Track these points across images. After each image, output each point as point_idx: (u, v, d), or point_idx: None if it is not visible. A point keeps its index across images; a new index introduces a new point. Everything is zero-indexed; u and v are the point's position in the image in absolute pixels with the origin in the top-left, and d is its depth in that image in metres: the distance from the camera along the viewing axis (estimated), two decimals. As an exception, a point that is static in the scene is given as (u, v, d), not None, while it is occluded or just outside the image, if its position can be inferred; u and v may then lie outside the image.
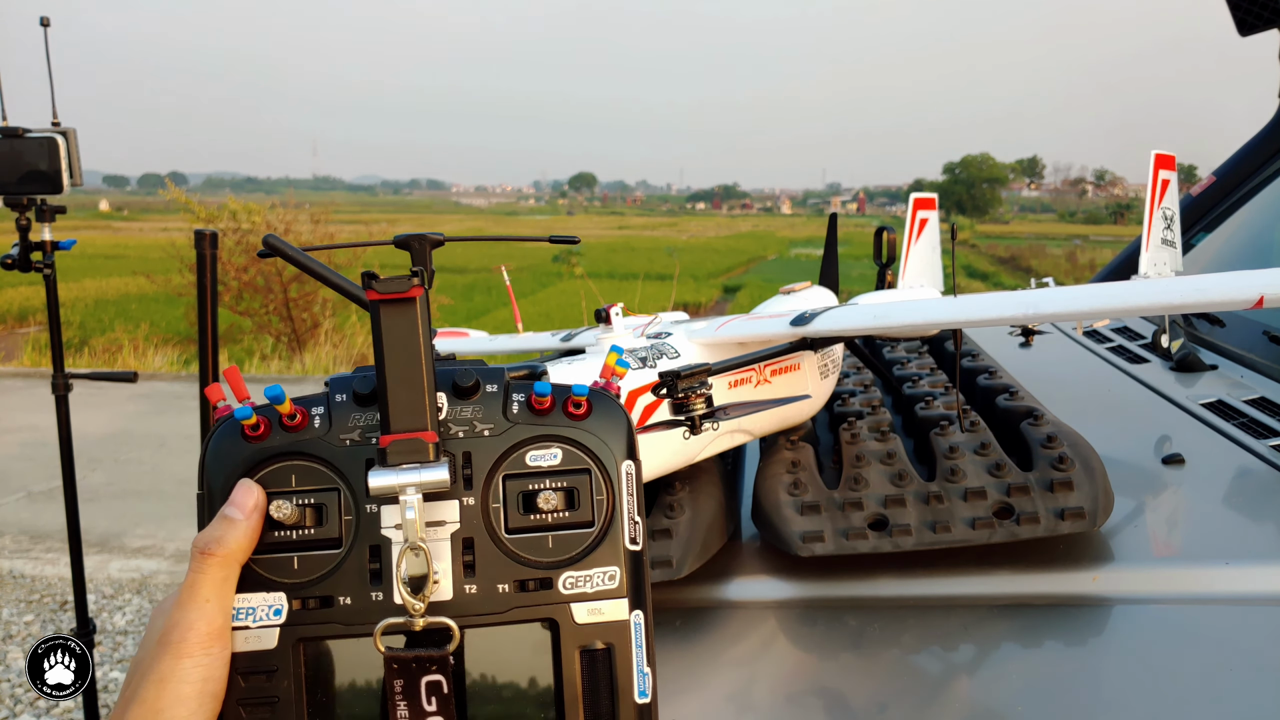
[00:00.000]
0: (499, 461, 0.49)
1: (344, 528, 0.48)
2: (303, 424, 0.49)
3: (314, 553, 0.48)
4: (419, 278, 0.46)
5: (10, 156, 2.31)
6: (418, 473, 0.45)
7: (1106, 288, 0.84)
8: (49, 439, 3.25)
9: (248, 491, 0.48)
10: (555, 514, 0.49)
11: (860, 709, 0.73)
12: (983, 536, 0.86)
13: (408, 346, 0.46)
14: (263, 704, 0.47)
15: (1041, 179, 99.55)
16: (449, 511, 0.48)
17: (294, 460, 0.49)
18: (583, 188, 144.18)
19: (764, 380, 0.95)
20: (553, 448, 0.49)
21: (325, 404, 0.49)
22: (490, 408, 0.50)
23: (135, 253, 22.37)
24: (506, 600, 0.48)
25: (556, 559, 0.48)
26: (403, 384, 0.46)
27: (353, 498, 0.48)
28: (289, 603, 0.48)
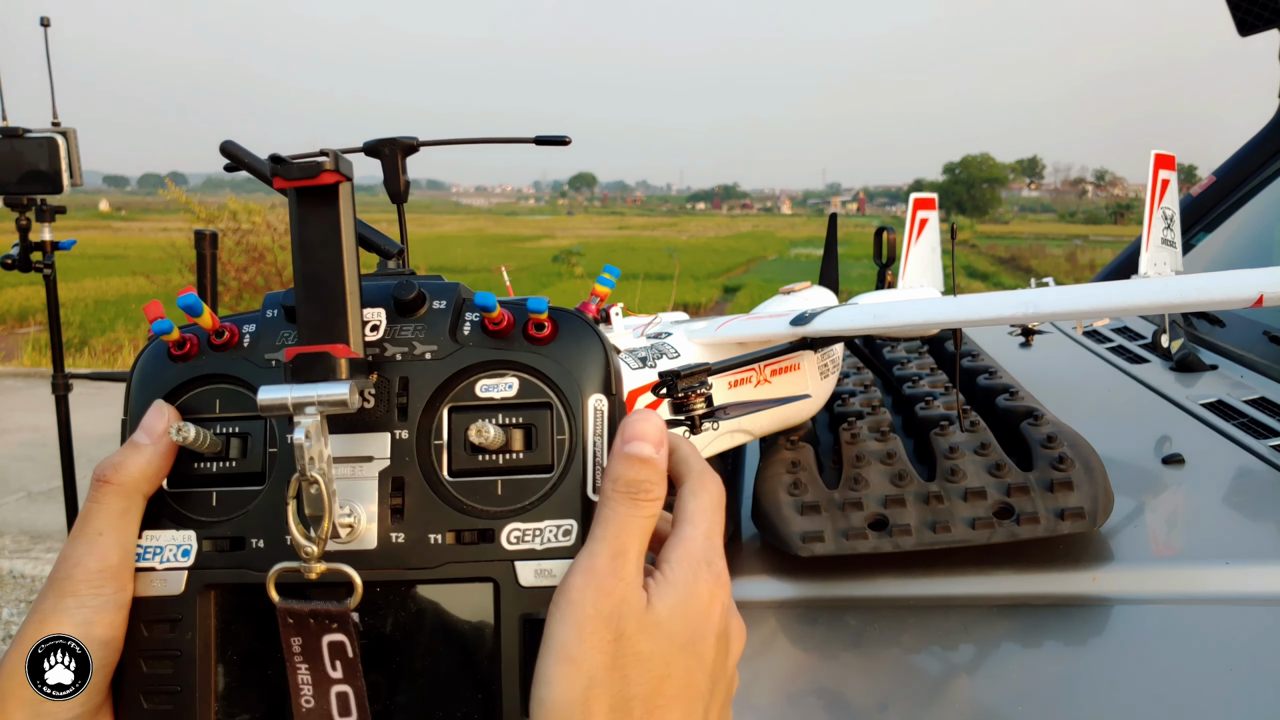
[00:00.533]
0: (442, 390, 0.42)
1: (268, 461, 0.42)
2: (232, 342, 0.43)
3: (234, 488, 0.42)
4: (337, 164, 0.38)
5: (10, 156, 2.31)
6: (315, 388, 0.38)
7: (1106, 287, 0.84)
8: (49, 439, 3.25)
9: (158, 414, 0.43)
10: (506, 455, 0.42)
11: (860, 709, 0.73)
12: (983, 536, 0.86)
13: (326, 246, 0.39)
14: (164, 657, 0.41)
15: (1041, 179, 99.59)
16: (377, 446, 0.42)
17: (219, 384, 0.43)
18: (583, 188, 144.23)
19: (764, 380, 0.95)
20: (508, 376, 0.42)
21: (257, 319, 0.44)
22: (435, 327, 0.43)
23: (135, 253, 22.38)
24: (440, 553, 0.41)
25: (503, 508, 0.41)
26: (318, 291, 0.39)
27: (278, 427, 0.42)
28: (198, 543, 0.42)
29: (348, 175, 0.39)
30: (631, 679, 0.38)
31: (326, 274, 0.39)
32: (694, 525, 0.42)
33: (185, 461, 0.43)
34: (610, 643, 0.38)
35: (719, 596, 0.41)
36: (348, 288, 0.39)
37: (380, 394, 0.42)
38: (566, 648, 0.37)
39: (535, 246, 27.93)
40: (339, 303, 0.39)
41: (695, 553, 0.41)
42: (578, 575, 0.39)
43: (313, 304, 0.39)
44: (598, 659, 0.37)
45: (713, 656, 0.40)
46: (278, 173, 0.38)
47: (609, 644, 0.38)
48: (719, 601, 0.41)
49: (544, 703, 0.37)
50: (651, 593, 0.39)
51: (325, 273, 0.39)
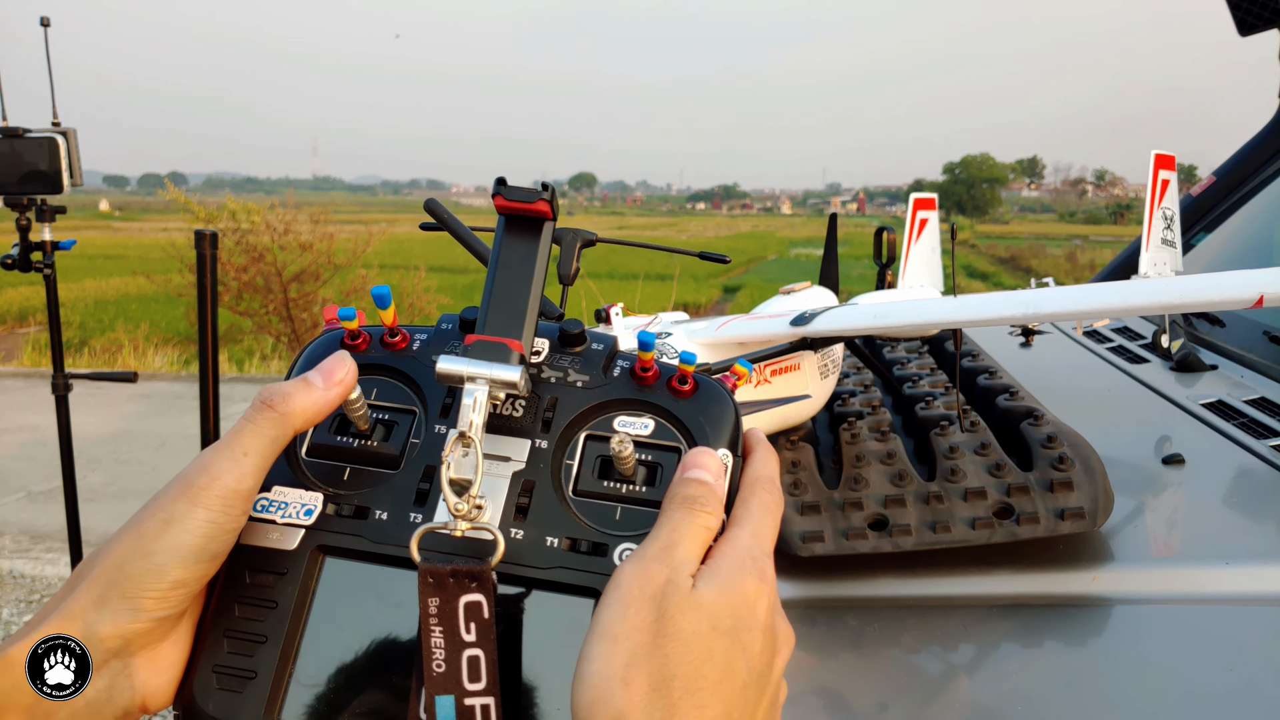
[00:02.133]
0: (584, 416, 0.45)
1: (407, 450, 0.45)
2: (403, 344, 0.47)
3: (369, 468, 0.45)
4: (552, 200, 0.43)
5: (10, 156, 2.31)
6: (489, 366, 0.42)
7: (1106, 288, 0.84)
8: (49, 439, 3.25)
9: (339, 362, 0.44)
10: (630, 486, 0.44)
11: (860, 709, 0.73)
12: (983, 536, 0.86)
13: (522, 264, 0.44)
14: (261, 605, 0.42)
15: (1041, 179, 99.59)
16: (516, 449, 0.45)
17: (382, 375, 0.47)
18: (583, 188, 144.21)
19: (764, 380, 0.95)
20: (645, 417, 0.46)
21: (431, 331, 0.48)
22: (591, 362, 0.47)
23: (135, 253, 22.38)
24: (552, 556, 0.43)
25: (621, 531, 0.44)
26: (506, 296, 0.44)
27: (426, 421, 0.46)
28: (324, 505, 0.44)
29: (555, 215, 0.44)
30: (672, 657, 0.38)
31: (518, 287, 0.44)
32: (740, 526, 0.43)
33: (331, 430, 0.46)
34: (652, 621, 0.38)
35: (764, 594, 0.41)
36: (531, 302, 0.44)
37: (530, 406, 0.45)
38: (610, 626, 0.38)
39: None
40: (521, 311, 0.44)
41: (740, 549, 0.42)
42: (627, 563, 0.40)
43: (499, 307, 0.44)
44: (638, 637, 0.38)
45: (758, 650, 0.40)
46: (500, 192, 0.43)
47: (651, 622, 0.38)
48: (765, 598, 0.41)
49: (585, 678, 0.37)
50: (697, 579, 0.40)
51: (517, 285, 0.44)
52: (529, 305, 0.44)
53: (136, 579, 0.39)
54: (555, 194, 0.44)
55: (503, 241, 0.44)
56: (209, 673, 0.42)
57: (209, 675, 0.42)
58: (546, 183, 0.44)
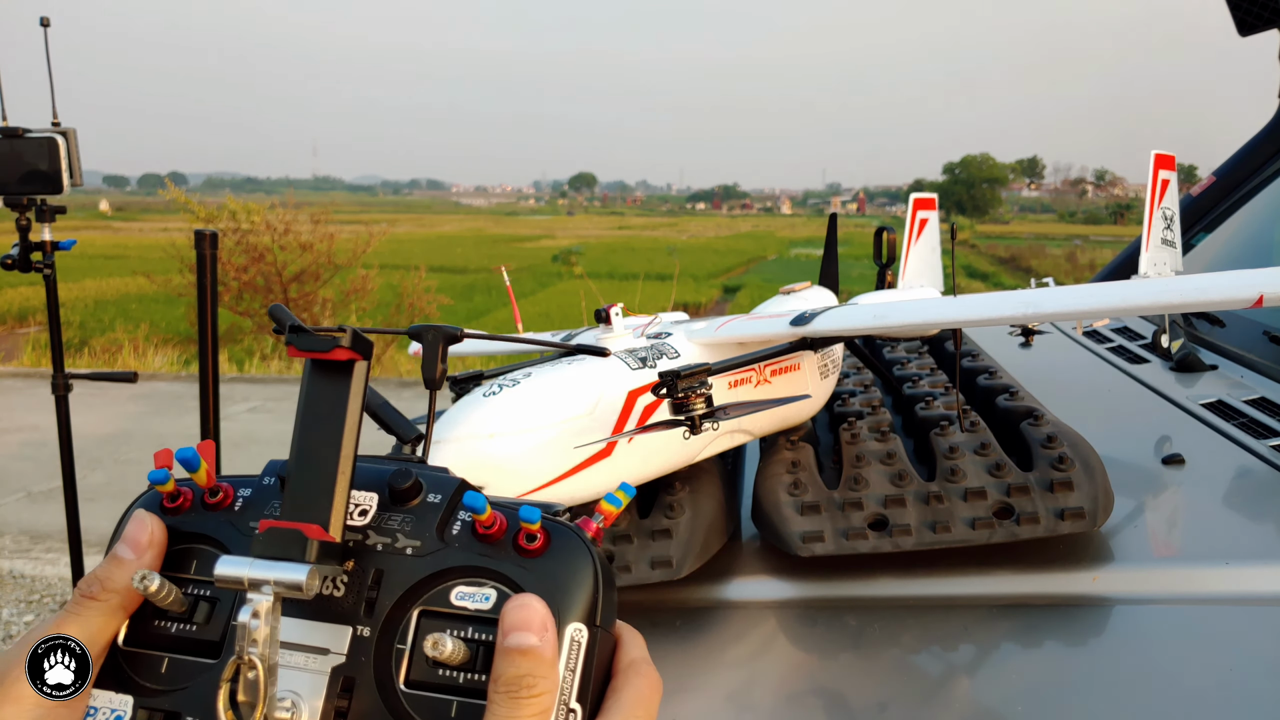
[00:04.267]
0: (415, 590, 0.39)
1: (227, 636, 0.40)
2: (224, 503, 0.42)
3: (187, 657, 0.40)
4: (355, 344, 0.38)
5: (10, 156, 2.31)
6: (274, 567, 0.36)
7: (1106, 287, 0.84)
8: (49, 439, 3.25)
9: (140, 525, 0.41)
10: (468, 675, 0.38)
11: (860, 709, 0.73)
12: (983, 536, 0.86)
13: (329, 421, 0.38)
14: None
15: (1041, 179, 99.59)
16: (336, 639, 0.39)
17: (199, 543, 0.42)
18: (583, 188, 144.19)
19: (764, 380, 0.95)
20: (486, 587, 0.39)
21: (254, 485, 0.43)
22: (423, 521, 0.40)
23: (135, 253, 22.38)
24: None
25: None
26: (310, 465, 0.38)
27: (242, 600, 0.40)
28: (134, 711, 0.39)
29: (364, 355, 0.38)
30: None
31: (323, 449, 0.38)
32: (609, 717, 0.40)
33: (148, 619, 0.41)
34: None
35: None
36: (340, 468, 0.38)
37: (352, 584, 0.39)
38: None
39: (535, 246, 27.94)
40: (327, 481, 0.38)
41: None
42: None
43: (301, 478, 0.38)
44: None
45: None
46: (292, 342, 0.38)
47: None
48: None
49: None
50: None
51: (322, 448, 0.38)
52: (338, 471, 0.38)
53: None
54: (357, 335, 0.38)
55: (305, 395, 0.38)
56: None
57: None
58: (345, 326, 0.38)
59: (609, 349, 0.74)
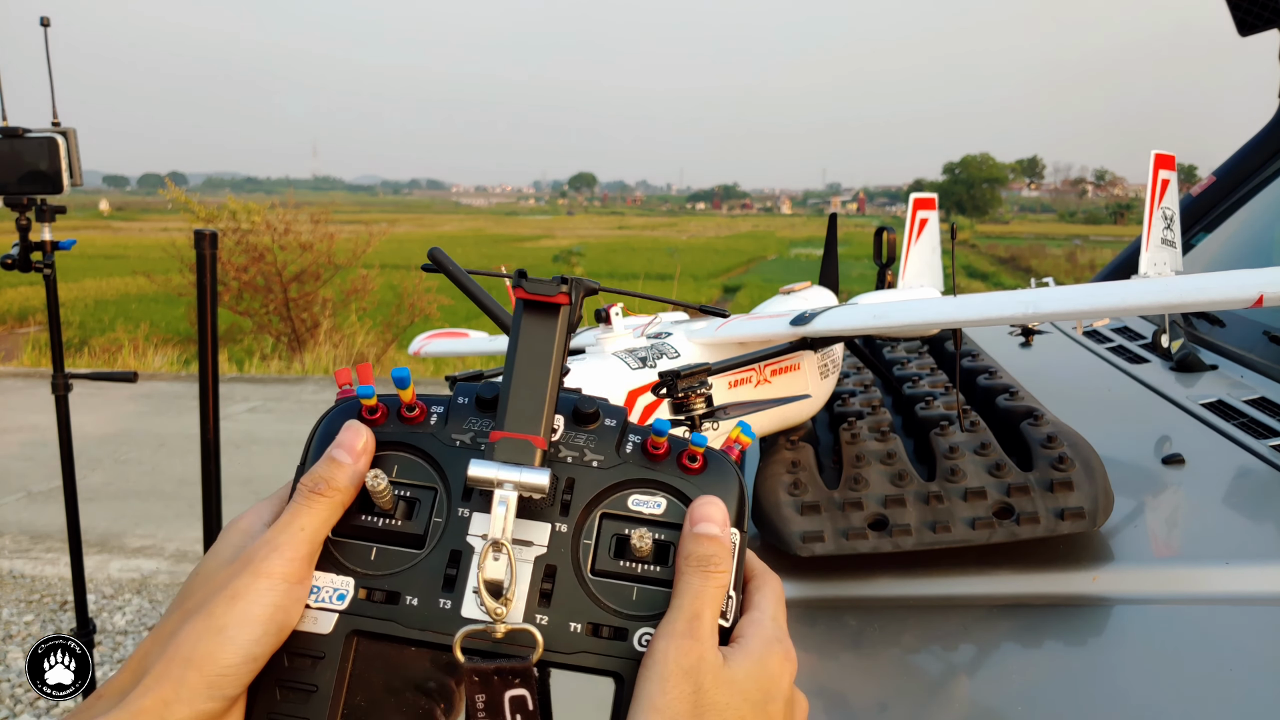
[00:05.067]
0: (600, 496, 0.47)
1: (430, 529, 0.46)
2: (420, 418, 0.48)
3: (394, 548, 0.46)
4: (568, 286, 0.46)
5: (10, 156, 2.31)
6: (519, 471, 0.44)
7: (1106, 287, 0.84)
8: (49, 439, 3.25)
9: (355, 433, 0.46)
10: (645, 565, 0.46)
11: (860, 709, 0.73)
12: (983, 536, 0.86)
13: (542, 352, 0.46)
14: (300, 689, 0.44)
15: (1041, 179, 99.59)
16: (538, 534, 0.46)
17: (401, 451, 0.47)
18: (583, 188, 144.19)
19: (764, 380, 0.95)
20: (658, 496, 0.47)
21: (446, 404, 0.48)
22: (604, 440, 0.48)
23: (135, 253, 22.37)
24: (577, 641, 0.45)
25: (637, 612, 0.45)
26: (527, 387, 0.45)
27: (448, 500, 0.46)
28: (355, 590, 0.45)
29: (574, 300, 0.46)
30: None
31: (538, 376, 0.45)
32: (762, 610, 0.47)
33: (354, 512, 0.46)
34: (691, 694, 0.42)
35: (788, 670, 0.46)
36: (550, 392, 0.45)
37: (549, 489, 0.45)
38: (652, 699, 0.41)
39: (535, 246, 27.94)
40: (542, 402, 0.45)
41: (766, 631, 0.46)
42: (660, 638, 0.43)
43: (521, 398, 0.45)
44: (680, 707, 0.41)
45: (781, 717, 0.45)
46: (520, 285, 0.45)
47: (690, 694, 0.42)
48: (788, 673, 0.46)
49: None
50: (728, 656, 0.44)
51: (537, 375, 0.45)
52: (548, 396, 0.45)
53: (212, 656, 0.41)
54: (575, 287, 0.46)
55: (521, 330, 0.46)
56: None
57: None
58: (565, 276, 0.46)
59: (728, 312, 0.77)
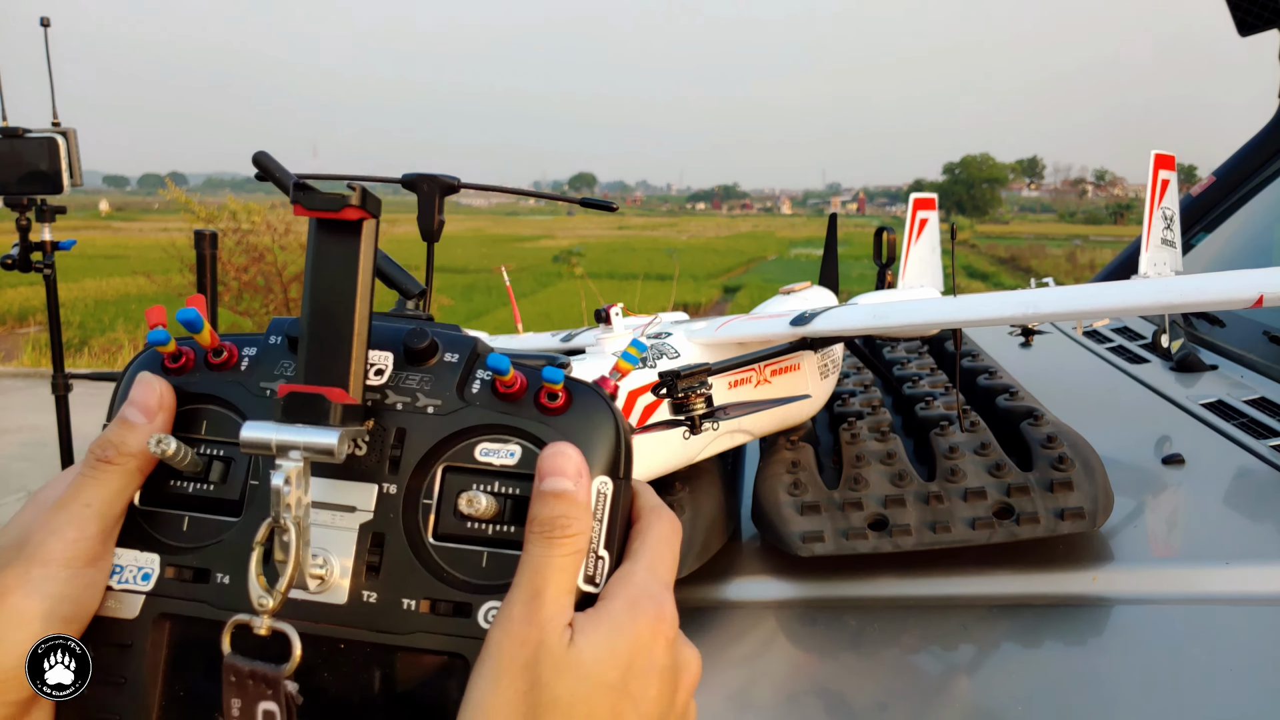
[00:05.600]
0: (439, 448, 0.40)
1: (247, 495, 0.41)
2: (230, 362, 0.42)
3: (209, 516, 0.41)
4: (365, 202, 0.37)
5: (10, 156, 2.31)
6: (302, 432, 0.36)
7: (1106, 287, 0.84)
8: (49, 439, 3.25)
9: (148, 388, 0.40)
10: (497, 526, 0.40)
11: (860, 709, 0.73)
12: (983, 536, 0.86)
13: (340, 282, 0.37)
14: (109, 683, 0.39)
15: (1041, 179, 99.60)
16: (362, 497, 0.40)
17: (208, 404, 0.41)
18: (582, 188, 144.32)
19: (764, 380, 0.95)
20: (511, 443, 0.40)
21: (259, 345, 0.42)
22: (443, 381, 0.41)
23: (135, 253, 22.38)
24: (411, 620, 0.39)
25: (485, 582, 0.39)
26: (325, 327, 0.38)
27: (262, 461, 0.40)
28: (161, 569, 0.40)
29: (374, 213, 0.37)
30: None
31: (337, 311, 0.37)
32: (635, 560, 0.40)
33: (161, 479, 0.41)
34: (524, 693, 0.36)
35: (662, 633, 0.39)
36: (356, 329, 0.38)
37: (374, 443, 0.40)
38: (481, 700, 0.36)
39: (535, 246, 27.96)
40: (344, 343, 0.38)
41: (634, 588, 0.39)
42: (494, 626, 0.37)
43: (317, 340, 0.38)
44: (511, 710, 0.36)
45: (654, 694, 0.39)
46: (299, 200, 0.37)
47: (523, 694, 0.36)
48: (662, 636, 0.39)
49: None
50: (577, 630, 0.37)
51: (336, 310, 0.37)
52: (354, 333, 0.37)
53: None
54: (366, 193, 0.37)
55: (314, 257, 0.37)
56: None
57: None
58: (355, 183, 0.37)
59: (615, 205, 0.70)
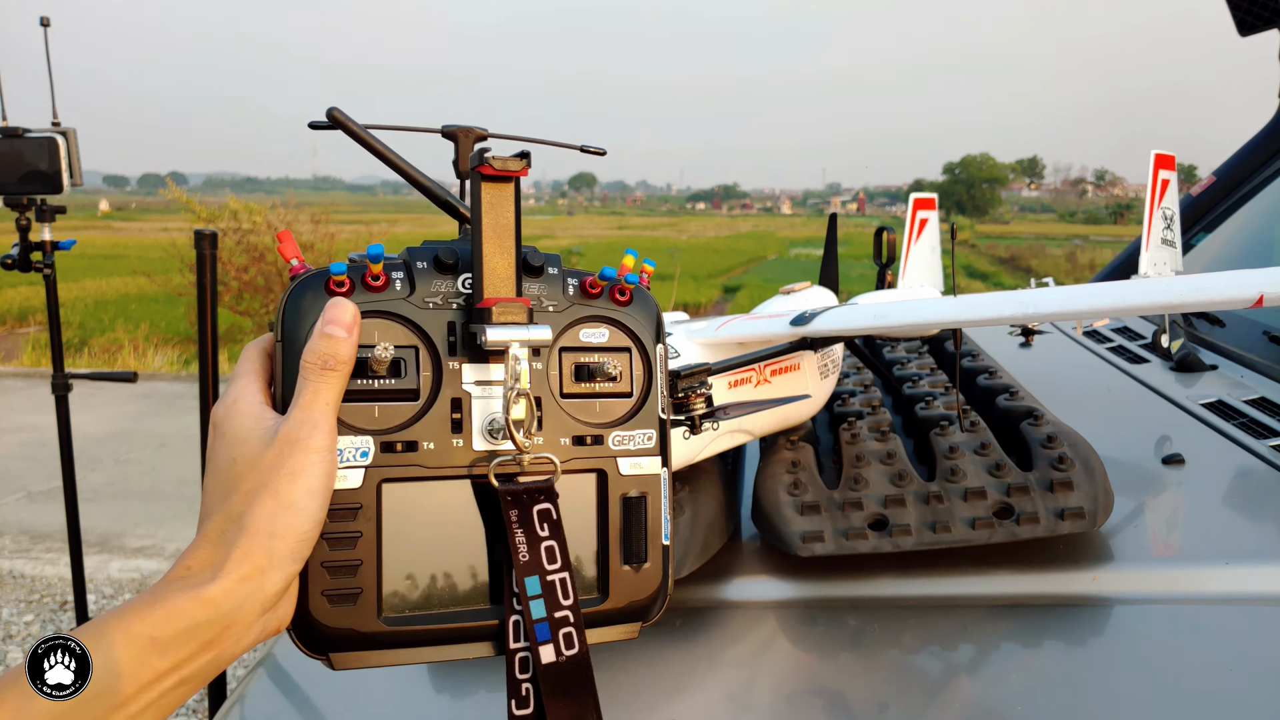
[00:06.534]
0: (559, 335, 0.55)
1: (422, 382, 0.52)
2: (384, 286, 0.53)
3: (393, 404, 0.52)
4: (526, 160, 0.51)
5: (10, 156, 2.31)
6: (526, 330, 0.51)
7: (1106, 287, 0.84)
8: (49, 439, 3.26)
9: (343, 309, 0.50)
10: (603, 382, 0.56)
11: (860, 709, 0.73)
12: (983, 536, 0.86)
13: (506, 220, 0.52)
14: (346, 539, 0.50)
15: (1041, 179, 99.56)
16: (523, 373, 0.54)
17: (377, 318, 0.52)
18: (583, 188, 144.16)
19: (764, 380, 0.95)
20: (601, 327, 0.56)
21: (405, 270, 0.53)
22: (554, 287, 0.56)
23: (135, 253, 22.37)
24: (566, 451, 0.55)
25: (605, 420, 0.56)
26: (500, 254, 0.52)
27: (432, 356, 0.53)
28: (375, 446, 0.51)
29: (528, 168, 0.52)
30: None
31: (506, 243, 0.52)
32: None
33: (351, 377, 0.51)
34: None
35: None
36: (518, 256, 0.52)
37: None
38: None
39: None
40: (511, 263, 0.52)
41: None
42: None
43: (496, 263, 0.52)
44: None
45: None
46: (486, 162, 0.50)
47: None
48: None
49: None
50: None
51: (505, 241, 0.52)
52: (518, 259, 0.52)
53: (291, 527, 0.47)
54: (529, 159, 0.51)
55: (483, 202, 0.51)
56: (320, 597, 0.50)
57: (320, 600, 0.50)
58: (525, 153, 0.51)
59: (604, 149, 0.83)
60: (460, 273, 0.53)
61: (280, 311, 0.52)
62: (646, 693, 0.76)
